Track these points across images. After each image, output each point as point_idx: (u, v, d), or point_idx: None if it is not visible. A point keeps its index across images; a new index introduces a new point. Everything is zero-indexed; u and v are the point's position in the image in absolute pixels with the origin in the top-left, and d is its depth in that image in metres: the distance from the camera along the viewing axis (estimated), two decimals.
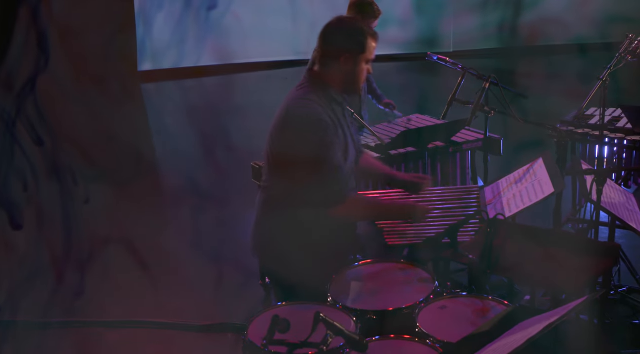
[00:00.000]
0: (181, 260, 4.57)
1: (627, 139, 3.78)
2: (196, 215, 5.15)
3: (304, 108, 2.55)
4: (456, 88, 3.28)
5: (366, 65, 2.62)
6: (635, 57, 3.65)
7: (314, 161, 2.50)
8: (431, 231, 2.82)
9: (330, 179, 2.52)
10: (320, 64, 2.64)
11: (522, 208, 2.72)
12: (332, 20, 2.65)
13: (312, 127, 2.51)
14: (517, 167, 3.20)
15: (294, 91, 2.67)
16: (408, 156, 3.90)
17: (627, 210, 2.89)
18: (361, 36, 2.57)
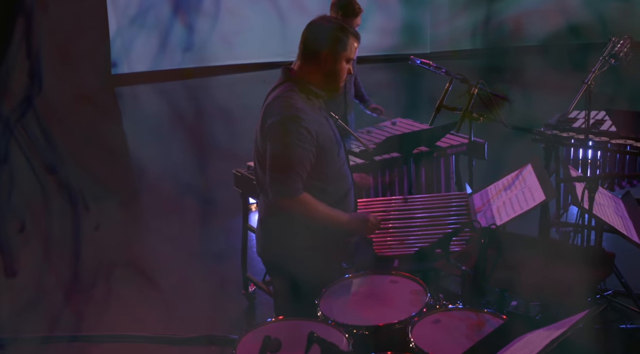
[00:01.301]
0: (161, 270, 4.47)
1: (611, 142, 3.78)
2: (176, 224, 5.05)
3: (283, 104, 2.55)
4: (443, 94, 3.24)
5: (347, 65, 2.60)
6: (618, 60, 3.64)
7: (278, 151, 2.52)
8: (420, 240, 2.77)
9: (284, 173, 2.51)
10: (301, 61, 2.63)
11: (513, 216, 2.68)
12: (315, 18, 2.65)
13: (287, 121, 2.51)
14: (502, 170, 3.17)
15: (273, 91, 2.65)
16: (392, 162, 3.85)
17: (618, 216, 2.87)
18: (343, 34, 2.56)
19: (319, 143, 2.55)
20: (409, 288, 2.51)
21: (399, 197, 3.19)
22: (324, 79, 2.60)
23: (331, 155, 2.61)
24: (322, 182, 2.60)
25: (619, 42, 3.70)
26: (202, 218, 5.09)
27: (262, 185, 2.67)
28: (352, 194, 2.77)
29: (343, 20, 4.11)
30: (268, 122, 2.55)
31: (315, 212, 2.56)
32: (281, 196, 2.53)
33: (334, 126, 2.68)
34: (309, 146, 2.52)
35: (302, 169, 2.53)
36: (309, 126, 2.51)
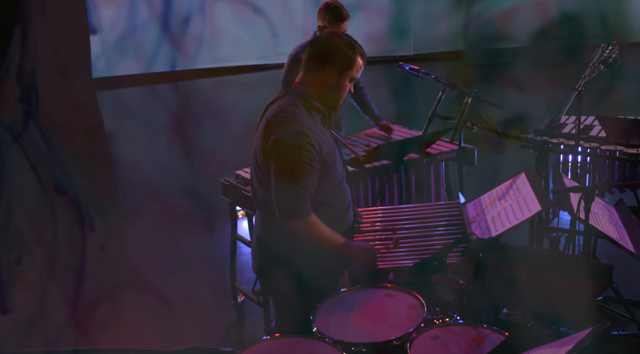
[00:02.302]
0: (146, 281, 4.38)
1: (600, 148, 3.77)
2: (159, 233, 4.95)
3: (286, 119, 2.49)
4: (436, 103, 3.21)
5: (349, 84, 2.55)
6: (607, 66, 3.64)
7: (285, 169, 2.46)
8: (416, 252, 2.73)
9: (292, 192, 2.45)
10: (304, 73, 2.59)
11: (509, 227, 2.65)
12: (324, 32, 2.62)
13: (292, 137, 2.45)
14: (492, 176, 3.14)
15: (273, 104, 2.60)
16: (383, 169, 3.82)
17: (612, 225, 2.86)
18: (351, 53, 2.52)
19: (323, 158, 2.50)
20: (405, 302, 2.46)
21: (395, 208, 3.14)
22: (325, 95, 2.55)
23: (333, 170, 2.56)
24: (323, 197, 2.55)
25: (607, 48, 3.70)
26: (187, 227, 5.01)
27: (261, 201, 2.61)
28: (352, 209, 2.72)
29: (330, 25, 4.14)
30: (271, 139, 2.47)
31: (320, 235, 2.52)
32: (290, 217, 2.47)
33: (333, 141, 2.62)
34: (315, 163, 2.46)
35: (310, 187, 2.47)
36: (313, 141, 2.45)
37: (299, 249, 2.56)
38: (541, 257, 2.47)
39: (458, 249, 2.68)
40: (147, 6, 8.66)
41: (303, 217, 2.47)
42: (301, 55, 4.21)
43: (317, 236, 2.51)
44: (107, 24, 8.67)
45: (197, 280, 4.33)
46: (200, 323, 3.92)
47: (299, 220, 2.47)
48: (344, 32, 2.63)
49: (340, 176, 2.65)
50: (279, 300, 2.71)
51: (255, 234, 2.74)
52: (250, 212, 3.61)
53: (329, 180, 2.58)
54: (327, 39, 2.56)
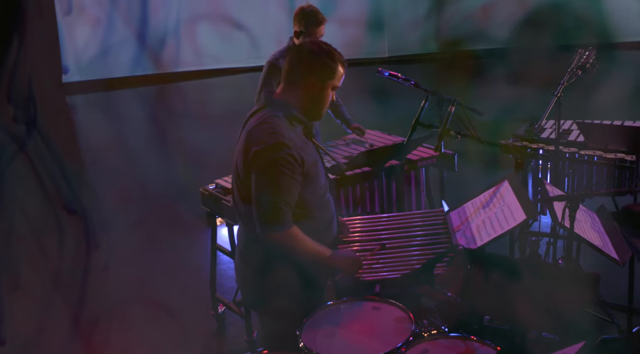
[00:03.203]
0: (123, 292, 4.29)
1: (579, 152, 3.79)
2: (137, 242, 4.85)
3: (267, 131, 2.44)
4: (419, 111, 3.18)
5: (332, 92, 2.51)
6: (584, 71, 3.66)
7: (266, 181, 2.42)
8: (401, 263, 2.70)
9: (273, 204, 2.41)
10: (285, 85, 2.55)
11: (494, 236, 2.63)
12: (304, 42, 2.63)
13: (274, 149, 2.41)
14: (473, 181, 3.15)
15: (254, 116, 2.55)
16: (363, 176, 3.79)
17: (595, 231, 2.87)
18: (332, 62, 2.49)
19: (305, 170, 2.45)
20: (392, 315, 2.43)
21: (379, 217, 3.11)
22: (307, 105, 2.52)
23: (316, 182, 2.52)
24: (306, 210, 2.50)
25: (584, 53, 3.72)
26: (164, 235, 4.92)
27: (243, 214, 2.56)
28: (335, 221, 2.68)
29: (307, 30, 4.10)
30: (252, 150, 2.43)
31: (303, 247, 2.47)
32: (271, 229, 2.42)
33: (315, 152, 2.58)
34: (296, 174, 2.42)
35: (291, 199, 2.43)
36: (294, 153, 2.41)
37: (282, 263, 2.52)
38: (528, 267, 2.46)
39: (444, 259, 2.66)
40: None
41: (284, 229, 2.43)
42: (279, 61, 4.19)
43: (299, 248, 2.47)
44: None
45: (175, 290, 4.26)
46: (180, 335, 3.84)
47: (280, 232, 2.43)
48: (323, 41, 2.58)
49: (323, 187, 2.61)
50: (264, 315, 2.66)
51: (237, 248, 2.69)
52: (231, 222, 3.55)
53: (312, 192, 2.54)
54: (307, 49, 2.52)
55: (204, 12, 8.89)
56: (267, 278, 2.54)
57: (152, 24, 8.74)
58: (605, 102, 5.47)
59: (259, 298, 2.61)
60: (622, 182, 3.68)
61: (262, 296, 2.58)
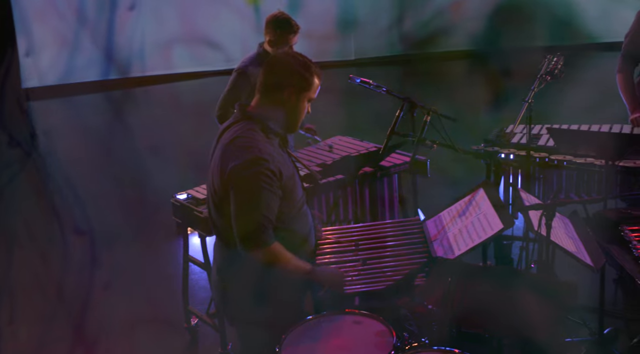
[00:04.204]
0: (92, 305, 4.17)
1: (549, 157, 3.83)
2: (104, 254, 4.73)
3: (244, 145, 2.41)
4: (395, 120, 3.17)
5: (307, 104, 2.48)
6: (553, 77, 3.70)
7: (245, 197, 2.37)
8: (380, 275, 2.68)
9: (254, 220, 2.37)
10: (261, 97, 2.51)
11: (472, 246, 2.63)
12: (279, 53, 2.60)
13: (252, 164, 2.37)
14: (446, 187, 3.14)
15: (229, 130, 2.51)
16: (337, 184, 3.77)
17: (569, 238, 2.89)
18: (308, 74, 2.46)
19: (283, 184, 2.42)
20: (373, 329, 2.41)
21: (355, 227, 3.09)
22: (283, 117, 2.49)
23: (293, 195, 2.49)
24: (283, 223, 2.47)
25: (552, 59, 3.76)
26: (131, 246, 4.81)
27: (220, 230, 2.51)
28: (313, 232, 2.65)
29: (279, 38, 4.04)
30: (230, 166, 2.38)
31: (285, 263, 2.44)
32: (252, 246, 2.38)
33: (291, 165, 2.55)
34: (276, 189, 2.39)
35: (272, 214, 2.40)
36: (273, 167, 2.38)
37: (260, 278, 2.47)
38: (507, 276, 2.46)
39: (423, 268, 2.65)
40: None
41: (266, 246, 2.39)
42: (248, 69, 4.12)
43: (281, 264, 2.43)
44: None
45: (146, 303, 4.16)
46: (152, 349, 3.76)
47: (262, 249, 2.38)
48: (299, 53, 2.55)
49: (300, 200, 2.58)
50: (243, 332, 2.62)
51: (215, 265, 2.63)
52: (204, 233, 3.48)
53: (290, 205, 2.50)
54: (282, 61, 2.49)
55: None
56: (246, 294, 2.50)
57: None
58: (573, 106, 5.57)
59: (238, 314, 2.56)
60: (591, 187, 3.74)
61: (242, 311, 2.53)
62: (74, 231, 5.11)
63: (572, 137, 3.66)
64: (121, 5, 8.46)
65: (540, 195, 3.86)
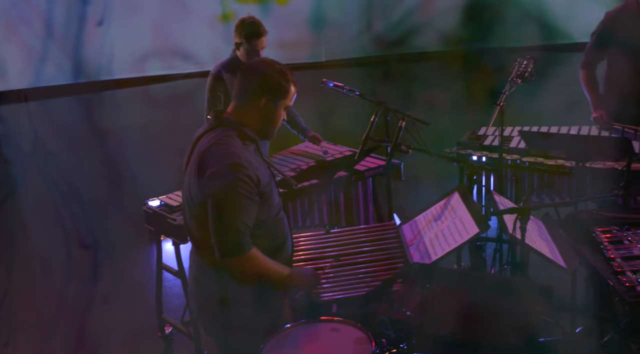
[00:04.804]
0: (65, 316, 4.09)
1: (520, 159, 3.88)
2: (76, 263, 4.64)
3: (222, 152, 2.38)
4: (370, 126, 3.16)
5: (283, 111, 2.47)
6: (524, 80, 3.74)
7: (223, 204, 2.35)
8: (357, 281, 2.67)
9: (232, 227, 2.34)
10: (237, 103, 2.49)
11: (448, 250, 2.64)
12: (255, 61, 2.57)
13: (230, 171, 2.35)
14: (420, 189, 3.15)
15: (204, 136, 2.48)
16: (312, 189, 3.76)
17: (543, 240, 2.92)
18: (285, 81, 2.45)
19: (261, 190, 2.40)
20: (352, 337, 2.40)
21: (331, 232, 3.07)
22: (260, 124, 2.47)
23: (270, 201, 2.47)
24: (260, 230, 2.44)
25: (523, 62, 3.80)
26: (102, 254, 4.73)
27: (197, 238, 2.47)
28: (290, 238, 2.63)
29: (248, 42, 4.02)
30: (207, 173, 2.35)
31: (263, 268, 2.41)
32: (231, 254, 2.34)
33: (268, 171, 2.53)
34: (254, 195, 2.37)
35: (250, 220, 2.38)
36: (251, 173, 2.36)
37: (238, 288, 2.45)
38: (484, 281, 2.48)
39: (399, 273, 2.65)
40: None
41: (243, 253, 2.36)
42: (222, 73, 4.09)
43: (260, 270, 2.41)
44: None
45: (119, 312, 4.09)
46: None
47: (240, 256, 2.35)
48: (275, 60, 2.53)
49: (277, 206, 2.56)
50: (221, 341, 2.58)
51: (191, 274, 2.59)
52: (178, 241, 3.43)
53: (267, 212, 2.48)
54: (259, 68, 2.47)
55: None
56: (225, 303, 2.47)
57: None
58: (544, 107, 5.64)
59: (215, 323, 2.53)
60: (562, 188, 3.80)
61: (219, 321, 2.50)
62: (41, 238, 5.01)
63: (543, 139, 3.71)
64: (90, 20, 8.34)
65: (512, 197, 3.90)
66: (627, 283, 2.66)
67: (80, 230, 5.02)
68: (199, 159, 2.40)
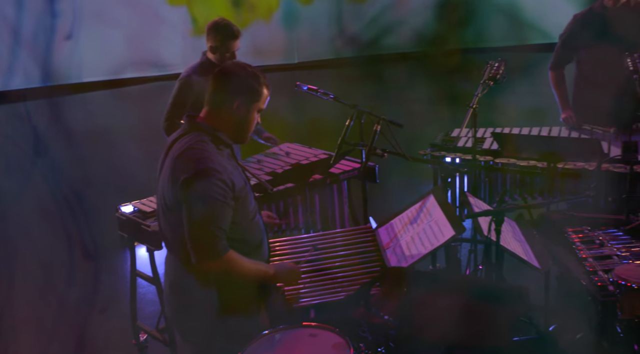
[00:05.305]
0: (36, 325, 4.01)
1: (493, 161, 3.92)
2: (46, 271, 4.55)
3: (195, 157, 2.37)
4: (344, 131, 3.17)
5: (257, 115, 2.46)
6: (496, 82, 3.78)
7: (198, 209, 2.33)
8: (334, 285, 2.67)
9: (207, 232, 2.33)
10: (210, 108, 2.47)
11: (425, 253, 2.66)
12: (228, 64, 2.55)
13: (204, 175, 2.33)
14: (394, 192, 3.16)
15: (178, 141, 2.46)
16: (287, 192, 3.74)
17: (517, 241, 2.96)
18: (257, 85, 2.45)
19: (235, 195, 2.39)
20: (330, 341, 2.39)
21: (306, 236, 3.07)
22: (233, 128, 2.46)
23: (246, 205, 2.46)
24: (237, 234, 2.44)
25: (494, 65, 3.84)
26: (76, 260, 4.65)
27: (172, 244, 2.45)
28: (266, 241, 2.62)
29: (222, 45, 3.99)
30: (181, 178, 2.33)
31: (242, 269, 2.41)
32: (207, 258, 2.33)
33: (243, 175, 2.51)
34: (229, 200, 2.36)
35: (225, 225, 2.36)
36: (225, 178, 2.35)
37: (214, 293, 2.43)
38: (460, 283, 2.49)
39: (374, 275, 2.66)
40: None
41: (220, 256, 2.35)
42: (192, 77, 4.05)
43: (239, 271, 2.41)
44: None
45: (92, 319, 4.02)
46: None
47: (217, 259, 2.34)
48: (248, 64, 2.52)
49: (253, 210, 2.55)
50: (198, 349, 2.56)
51: (167, 280, 2.57)
52: (152, 247, 3.39)
53: (242, 216, 2.47)
54: (231, 72, 2.46)
55: None
56: (201, 309, 2.45)
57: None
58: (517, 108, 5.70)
59: (192, 330, 2.50)
60: (534, 189, 3.84)
61: (196, 327, 2.48)
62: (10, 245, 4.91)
63: (515, 140, 3.76)
64: (58, 34, 8.22)
65: (486, 198, 3.94)
66: (599, 282, 2.70)
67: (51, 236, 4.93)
68: (173, 164, 2.38)
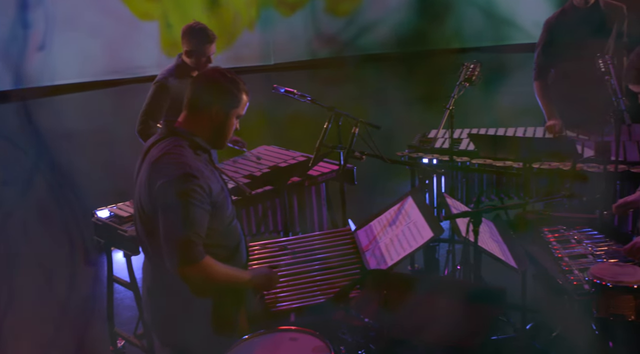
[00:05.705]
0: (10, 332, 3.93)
1: (470, 161, 3.95)
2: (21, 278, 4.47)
3: (173, 162, 2.36)
4: (323, 133, 3.17)
5: (236, 121, 2.45)
6: (471, 83, 3.81)
7: (175, 214, 2.32)
8: (314, 289, 2.67)
9: (184, 238, 2.32)
10: (188, 113, 2.46)
11: (404, 255, 2.67)
12: (208, 70, 2.54)
13: (181, 180, 2.32)
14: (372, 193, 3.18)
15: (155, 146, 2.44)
16: (265, 195, 3.74)
17: (494, 241, 2.98)
18: (236, 90, 2.45)
19: (213, 200, 2.38)
20: (310, 345, 2.39)
21: (281, 240, 3.06)
22: (211, 134, 2.45)
23: (223, 211, 2.45)
24: (214, 239, 2.42)
25: (470, 66, 3.88)
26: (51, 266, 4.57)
27: (149, 250, 2.42)
28: (244, 245, 2.61)
29: (197, 49, 3.97)
30: (158, 183, 2.31)
31: (218, 275, 2.39)
32: (184, 263, 2.31)
33: (221, 180, 2.50)
34: (206, 205, 2.34)
35: (202, 230, 2.35)
36: (202, 183, 2.33)
37: (193, 298, 2.41)
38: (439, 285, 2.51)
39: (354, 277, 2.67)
40: None
41: (197, 262, 2.33)
42: (168, 80, 4.03)
43: (215, 277, 2.39)
44: None
45: (69, 326, 3.97)
46: None
47: (194, 265, 2.32)
48: (227, 69, 2.51)
49: (230, 215, 2.54)
50: (177, 352, 2.54)
51: (145, 285, 2.55)
52: (129, 253, 3.35)
53: (220, 221, 2.46)
54: (210, 78, 2.46)
55: None
56: (179, 315, 2.43)
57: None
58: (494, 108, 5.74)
59: (171, 336, 2.48)
60: (510, 189, 3.89)
61: (175, 333, 2.46)
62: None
63: (491, 141, 3.79)
64: (31, 45, 8.08)
65: (463, 198, 3.97)
66: (575, 281, 2.74)
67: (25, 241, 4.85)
68: (150, 169, 2.36)
